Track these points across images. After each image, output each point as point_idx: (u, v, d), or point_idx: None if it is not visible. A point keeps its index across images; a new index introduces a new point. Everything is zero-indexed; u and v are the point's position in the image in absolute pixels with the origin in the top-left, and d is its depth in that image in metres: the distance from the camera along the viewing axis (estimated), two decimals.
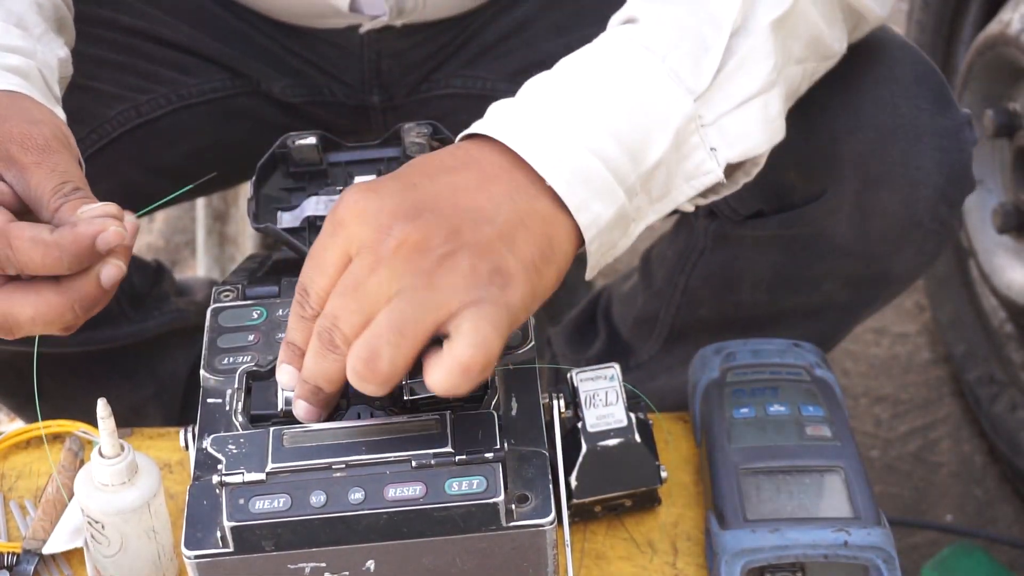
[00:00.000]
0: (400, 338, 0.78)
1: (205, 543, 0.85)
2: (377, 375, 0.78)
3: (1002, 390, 1.78)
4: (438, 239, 0.80)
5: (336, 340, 0.80)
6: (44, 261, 0.83)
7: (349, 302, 0.80)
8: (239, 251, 1.88)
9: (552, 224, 0.84)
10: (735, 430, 1.04)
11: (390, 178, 0.83)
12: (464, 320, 0.78)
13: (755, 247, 1.18)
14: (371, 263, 0.80)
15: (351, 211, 0.81)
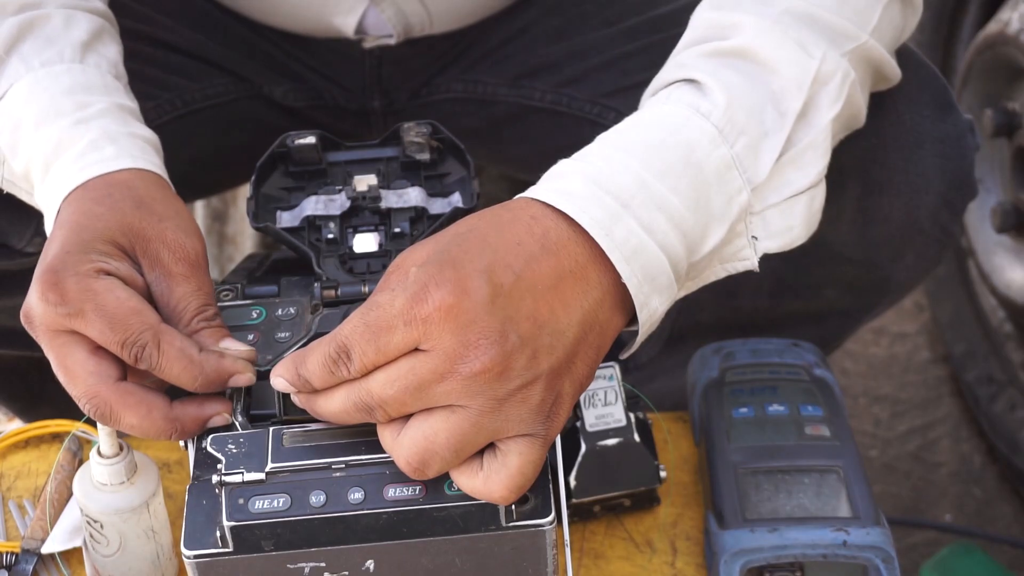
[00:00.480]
0: (455, 456, 0.79)
1: (204, 543, 0.85)
2: (423, 476, 0.80)
3: (1001, 389, 1.79)
4: (518, 368, 0.78)
5: (376, 415, 0.80)
6: (182, 374, 0.85)
7: (405, 397, 0.78)
8: (238, 251, 1.88)
9: (606, 332, 0.84)
10: (734, 430, 1.04)
11: (478, 274, 0.79)
12: (513, 452, 0.80)
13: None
14: (444, 372, 0.77)
15: (439, 311, 0.77)
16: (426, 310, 0.77)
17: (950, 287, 1.90)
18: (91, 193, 0.91)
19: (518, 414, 0.79)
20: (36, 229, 1.09)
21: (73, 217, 0.90)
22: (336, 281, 1.00)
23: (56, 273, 0.86)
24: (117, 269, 0.87)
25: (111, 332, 0.85)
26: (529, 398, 0.79)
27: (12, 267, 1.13)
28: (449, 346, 0.77)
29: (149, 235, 0.90)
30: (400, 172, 1.07)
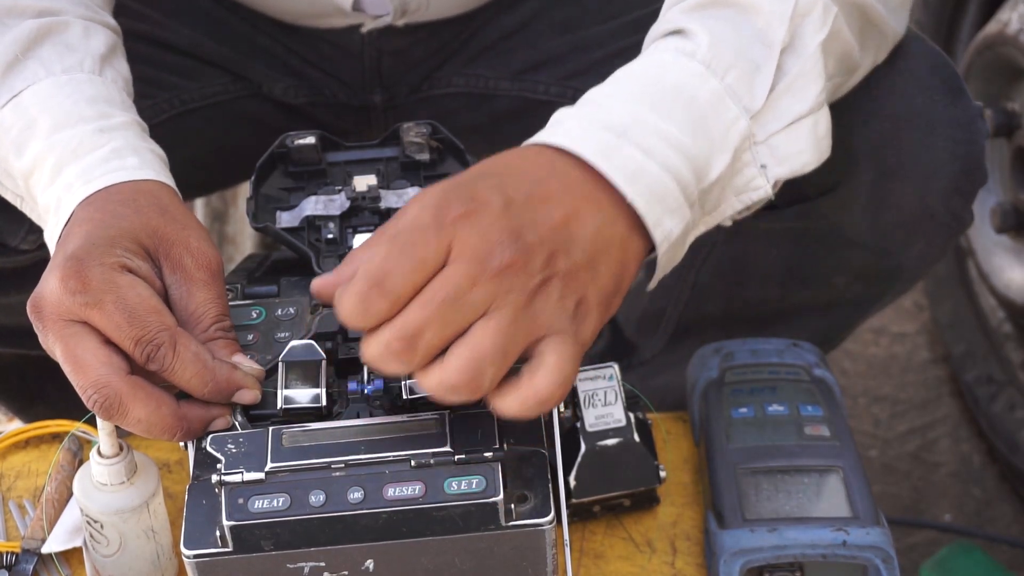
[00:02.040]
0: (503, 359, 0.80)
1: (204, 543, 0.85)
2: (478, 391, 0.80)
3: (1000, 389, 1.79)
4: (538, 263, 0.81)
5: (418, 347, 0.80)
6: (193, 379, 0.86)
7: (444, 312, 0.79)
8: (238, 251, 1.88)
9: (627, 249, 0.86)
10: (734, 430, 1.04)
11: (490, 189, 0.82)
12: (548, 351, 0.81)
13: (768, 240, 1.18)
14: (475, 275, 0.79)
15: (463, 216, 0.80)
16: (452, 216, 0.80)
17: (950, 287, 1.90)
18: (116, 196, 0.92)
19: (545, 309, 0.81)
20: (30, 227, 1.09)
21: (98, 215, 0.91)
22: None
23: (81, 262, 0.86)
24: (139, 268, 0.88)
25: (128, 327, 0.85)
26: (551, 294, 0.81)
27: (7, 265, 1.13)
28: (476, 248, 0.79)
29: (173, 239, 0.90)
30: (400, 172, 1.07)
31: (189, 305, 0.90)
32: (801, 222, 1.15)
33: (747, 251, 1.21)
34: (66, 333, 0.86)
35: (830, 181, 1.12)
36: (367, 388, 0.93)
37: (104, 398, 0.85)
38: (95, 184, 0.93)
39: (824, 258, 1.18)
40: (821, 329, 1.26)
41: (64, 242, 0.90)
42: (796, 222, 1.15)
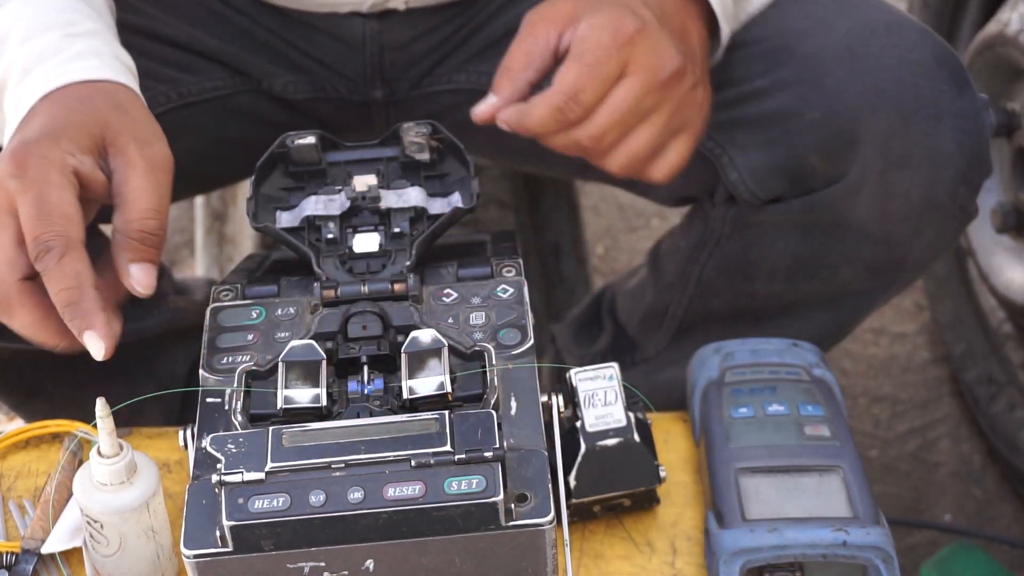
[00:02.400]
0: (647, 156, 1.03)
1: (204, 542, 0.85)
2: (640, 175, 1.04)
3: (1001, 389, 1.79)
4: (689, 71, 1.01)
5: (603, 146, 1.01)
6: (60, 293, 0.89)
7: (626, 117, 1.00)
8: (238, 251, 1.88)
9: (705, 43, 1.06)
10: (734, 429, 1.04)
11: (641, 7, 1.01)
12: (683, 140, 1.04)
13: (774, 233, 1.19)
14: (648, 85, 0.99)
15: (638, 33, 0.99)
16: (627, 34, 0.99)
17: (950, 287, 1.90)
18: (72, 92, 0.96)
19: (691, 113, 1.03)
20: None
21: (52, 109, 0.94)
22: (336, 281, 1.00)
23: (26, 148, 0.90)
24: (81, 163, 0.91)
25: (35, 221, 0.88)
26: (696, 98, 1.03)
27: None
28: (649, 62, 0.99)
29: (120, 129, 0.94)
30: (400, 172, 1.07)
31: (123, 190, 0.93)
32: (808, 214, 1.15)
33: (753, 245, 1.21)
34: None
35: (837, 172, 1.12)
36: (367, 388, 0.94)
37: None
38: (54, 83, 0.96)
39: (831, 250, 1.18)
40: (827, 322, 1.26)
41: (18, 130, 0.94)
42: (803, 214, 1.15)
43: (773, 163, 1.13)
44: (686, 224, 1.30)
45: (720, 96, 1.15)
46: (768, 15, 1.15)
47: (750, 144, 1.14)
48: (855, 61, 1.09)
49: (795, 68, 1.11)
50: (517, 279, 1.03)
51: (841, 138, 1.10)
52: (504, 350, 0.97)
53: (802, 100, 1.10)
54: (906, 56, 1.09)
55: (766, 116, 1.12)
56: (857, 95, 1.09)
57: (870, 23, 1.11)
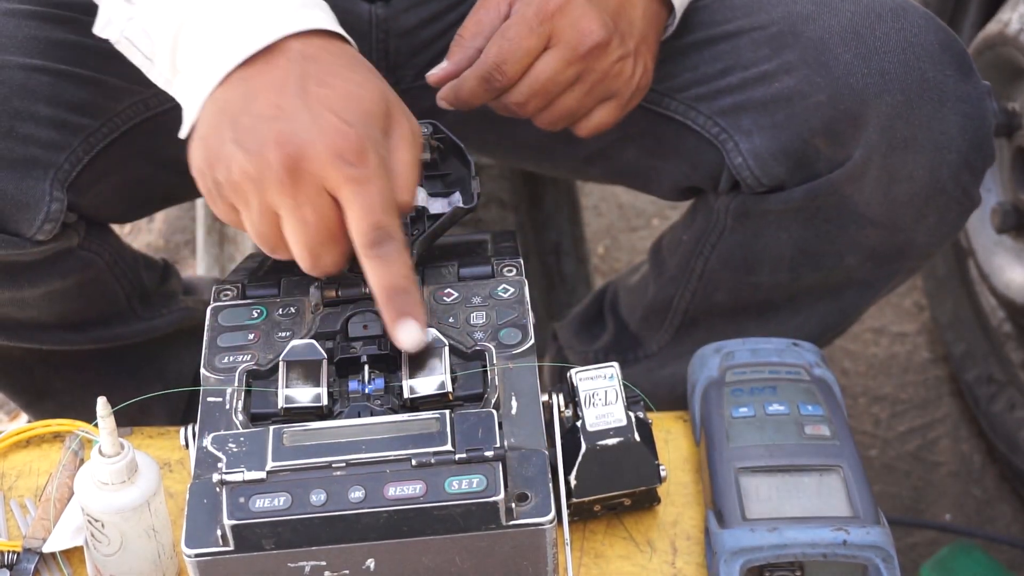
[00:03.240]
0: (571, 119, 1.11)
1: (205, 542, 0.85)
2: (557, 127, 1.11)
3: (1001, 389, 1.79)
4: (615, 44, 1.07)
5: (527, 111, 1.09)
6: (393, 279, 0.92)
7: (546, 87, 1.07)
8: (238, 250, 1.88)
9: (657, 23, 1.12)
10: (734, 429, 1.04)
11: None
12: (609, 107, 1.11)
13: (778, 223, 1.19)
14: (569, 58, 1.06)
15: (559, 8, 1.05)
16: (550, 10, 1.05)
17: (950, 287, 1.90)
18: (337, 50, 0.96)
19: (617, 82, 1.09)
20: (46, 216, 1.10)
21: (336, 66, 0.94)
22: (336, 282, 1.01)
23: (360, 138, 0.90)
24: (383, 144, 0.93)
25: (379, 211, 0.90)
26: (623, 70, 1.09)
27: (21, 258, 1.13)
28: (570, 37, 1.06)
29: (395, 103, 0.96)
30: None
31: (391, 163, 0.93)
32: (812, 201, 1.15)
33: (756, 236, 1.21)
34: (320, 203, 0.90)
35: (841, 155, 1.12)
36: (368, 387, 0.94)
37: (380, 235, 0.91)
38: (299, 24, 0.94)
39: (835, 238, 1.18)
40: (831, 313, 1.26)
41: (305, 82, 0.92)
42: (807, 201, 1.15)
43: (778, 147, 1.13)
44: (689, 217, 1.30)
45: (726, 81, 1.15)
46: (774, 0, 1.15)
47: (755, 128, 1.14)
48: (861, 44, 1.09)
49: (801, 51, 1.11)
50: (518, 279, 1.03)
51: (846, 120, 1.10)
52: (505, 350, 0.97)
53: (808, 83, 1.11)
54: (911, 40, 1.10)
55: (772, 99, 1.13)
56: (863, 78, 1.09)
57: (875, 7, 1.12)
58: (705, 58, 1.17)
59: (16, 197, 1.08)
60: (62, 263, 1.18)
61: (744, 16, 1.16)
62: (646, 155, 1.25)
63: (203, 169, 0.94)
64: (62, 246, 1.15)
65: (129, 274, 1.28)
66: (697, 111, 1.18)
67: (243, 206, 0.92)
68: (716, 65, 1.16)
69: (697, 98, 1.18)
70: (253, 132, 0.90)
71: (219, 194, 0.93)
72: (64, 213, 1.12)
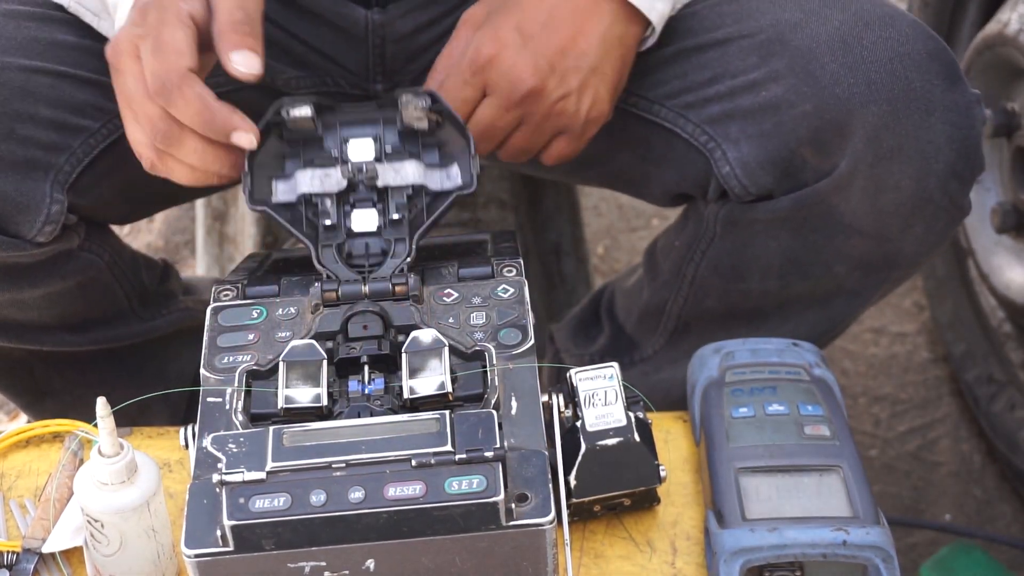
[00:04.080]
0: (529, 154, 1.16)
1: (205, 542, 0.85)
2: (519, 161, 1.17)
3: (1001, 389, 1.79)
4: (552, 87, 1.10)
5: (480, 150, 1.09)
6: (194, 117, 1.00)
7: (486, 135, 1.12)
8: (238, 251, 1.88)
9: (626, 42, 1.13)
10: (734, 429, 1.04)
11: (511, 29, 1.10)
12: (564, 139, 1.14)
13: (766, 232, 1.19)
14: (504, 105, 1.11)
15: (489, 60, 1.10)
16: (481, 62, 1.10)
17: (950, 287, 1.90)
18: None
19: (561, 119, 1.12)
20: (47, 218, 1.10)
21: None
22: (336, 282, 1.01)
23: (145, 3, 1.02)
24: (192, 7, 1.02)
25: (151, 60, 1.00)
26: (568, 107, 1.11)
27: (22, 260, 1.13)
28: (502, 85, 1.10)
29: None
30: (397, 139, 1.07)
31: (213, 4, 1.03)
32: (799, 210, 1.15)
33: (745, 244, 1.21)
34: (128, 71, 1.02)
35: (828, 165, 1.12)
36: (368, 388, 0.94)
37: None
38: None
39: (823, 247, 1.18)
40: (821, 321, 1.26)
41: None
42: (794, 211, 1.15)
43: (765, 156, 1.13)
44: (680, 223, 1.31)
45: (714, 89, 1.15)
46: (763, 7, 1.15)
47: (742, 137, 1.14)
48: (848, 54, 1.09)
49: (789, 60, 1.11)
50: (518, 279, 1.03)
51: (833, 130, 1.10)
52: (505, 350, 0.97)
53: (795, 92, 1.11)
54: (899, 49, 1.10)
55: (759, 108, 1.13)
56: (849, 87, 1.09)
57: (863, 16, 1.11)
58: (694, 65, 1.17)
59: (16, 199, 1.09)
60: (62, 264, 1.18)
61: (733, 23, 1.16)
62: (638, 161, 1.25)
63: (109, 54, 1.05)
64: (62, 247, 1.15)
65: (129, 275, 1.28)
66: (686, 119, 1.18)
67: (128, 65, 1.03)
68: (705, 73, 1.16)
69: (686, 106, 1.18)
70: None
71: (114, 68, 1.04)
72: (64, 215, 1.12)
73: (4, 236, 1.10)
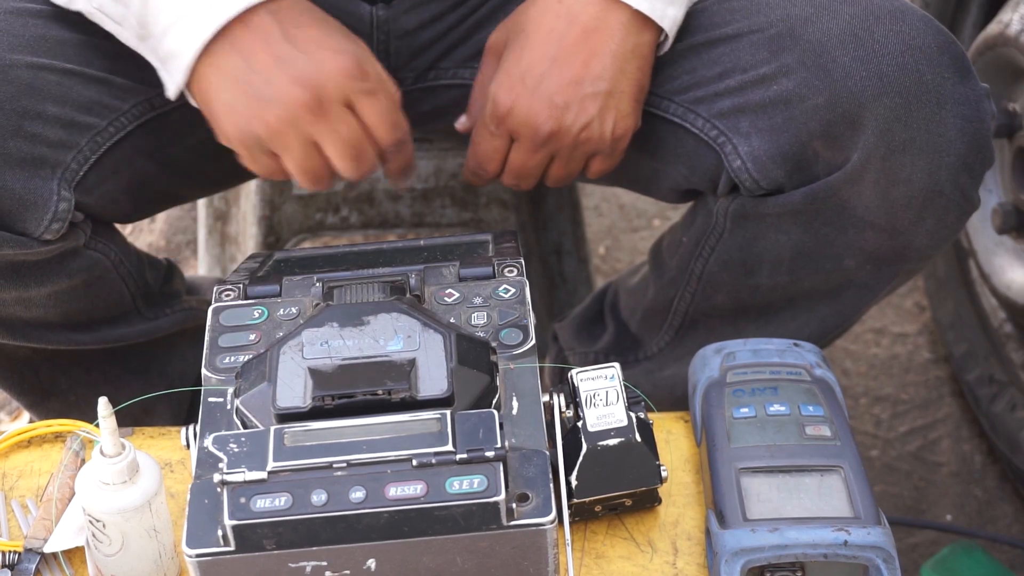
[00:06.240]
0: (568, 179, 1.20)
1: (206, 542, 0.86)
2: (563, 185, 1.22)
3: (1002, 390, 1.79)
4: (571, 120, 1.13)
5: (521, 187, 1.22)
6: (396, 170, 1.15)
7: (522, 177, 1.18)
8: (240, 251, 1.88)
9: (641, 52, 1.14)
10: (735, 429, 1.04)
11: (524, 74, 1.13)
12: (600, 159, 1.18)
13: (776, 225, 1.19)
14: (531, 148, 1.15)
15: (508, 111, 1.14)
16: (500, 115, 1.15)
17: (951, 287, 1.90)
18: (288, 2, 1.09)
19: (589, 143, 1.15)
20: (53, 215, 1.10)
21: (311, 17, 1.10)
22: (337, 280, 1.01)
23: (356, 57, 1.09)
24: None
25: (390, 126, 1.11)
26: (592, 132, 1.14)
27: (29, 257, 1.13)
28: (524, 131, 1.15)
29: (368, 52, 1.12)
30: None
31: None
32: (811, 204, 1.15)
33: (755, 239, 1.21)
34: (347, 117, 1.08)
35: (840, 158, 1.12)
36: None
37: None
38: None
39: (834, 240, 1.18)
40: (830, 315, 1.26)
41: (285, 31, 1.07)
42: (805, 204, 1.15)
43: (776, 150, 1.13)
44: (688, 219, 1.31)
45: (724, 84, 1.15)
46: (773, 2, 1.15)
47: (753, 131, 1.14)
48: (859, 47, 1.09)
49: (799, 54, 1.11)
50: (519, 279, 1.03)
51: (844, 123, 1.10)
52: (506, 350, 0.97)
53: (806, 86, 1.11)
54: (909, 43, 1.10)
55: (770, 102, 1.13)
56: (861, 80, 1.09)
57: (873, 10, 1.12)
58: (704, 61, 1.17)
59: (23, 196, 1.09)
60: (68, 262, 1.18)
61: (743, 18, 1.16)
62: (646, 158, 1.25)
63: (239, 132, 1.08)
64: (68, 245, 1.16)
65: (134, 273, 1.28)
66: (696, 114, 1.18)
67: (284, 149, 1.08)
68: (715, 68, 1.16)
69: (696, 101, 1.18)
70: (270, 84, 1.06)
71: (260, 148, 1.09)
72: (71, 212, 1.12)
73: (11, 234, 1.10)
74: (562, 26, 1.13)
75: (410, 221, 1.73)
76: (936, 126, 1.10)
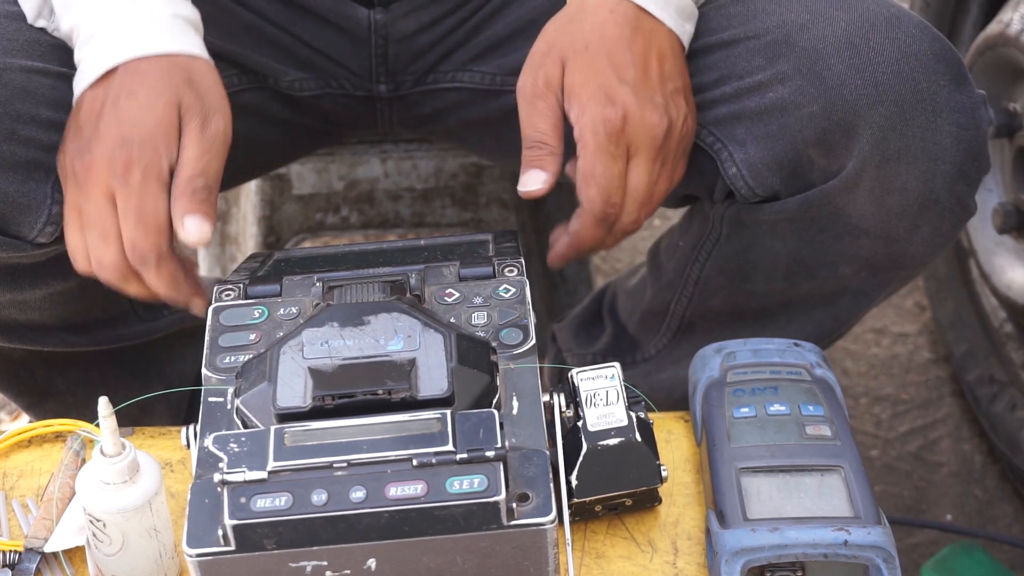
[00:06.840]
0: (646, 204, 1.15)
1: (207, 541, 0.86)
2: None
3: (1002, 390, 1.79)
4: (673, 114, 1.11)
5: (646, 207, 1.14)
6: (164, 292, 1.08)
7: (644, 202, 1.13)
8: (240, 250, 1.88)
9: (677, 53, 1.14)
10: (735, 429, 1.04)
11: (617, 89, 1.09)
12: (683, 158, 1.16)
13: (772, 232, 1.19)
14: (652, 158, 1.11)
15: (620, 130, 1.09)
16: (616, 129, 1.09)
17: (951, 287, 1.90)
18: (152, 66, 1.07)
19: (686, 143, 1.14)
20: (47, 218, 1.10)
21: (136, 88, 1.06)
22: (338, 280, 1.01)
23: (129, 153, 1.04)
24: (170, 159, 1.05)
25: (134, 230, 1.04)
26: (688, 129, 1.13)
27: (23, 260, 1.13)
28: (644, 139, 1.10)
29: (190, 107, 1.07)
30: None
31: (181, 159, 1.05)
32: (806, 211, 1.15)
33: (751, 245, 1.21)
34: (102, 204, 1.05)
35: (835, 166, 1.12)
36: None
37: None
38: (130, 52, 1.07)
39: (830, 248, 1.18)
40: (826, 321, 1.26)
41: (115, 107, 1.06)
42: (800, 212, 1.15)
43: (772, 157, 1.13)
44: (685, 223, 1.31)
45: (720, 91, 1.15)
46: (769, 9, 1.15)
47: (749, 138, 1.14)
48: (855, 55, 1.09)
49: (795, 61, 1.11)
50: (519, 279, 1.03)
51: (840, 131, 1.10)
52: (506, 350, 0.97)
53: (801, 93, 1.11)
54: (905, 50, 1.10)
55: (766, 109, 1.13)
56: (856, 89, 1.09)
57: (870, 17, 1.11)
58: (700, 67, 1.17)
59: (17, 200, 1.09)
60: (63, 265, 1.18)
61: (739, 24, 1.16)
62: None
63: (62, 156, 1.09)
64: (63, 248, 1.16)
65: None
66: None
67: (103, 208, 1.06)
68: (711, 74, 1.16)
69: None
70: (89, 145, 1.06)
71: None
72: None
73: (5, 237, 1.10)
74: (628, 33, 1.12)
75: (410, 221, 1.73)
76: (932, 134, 1.10)
